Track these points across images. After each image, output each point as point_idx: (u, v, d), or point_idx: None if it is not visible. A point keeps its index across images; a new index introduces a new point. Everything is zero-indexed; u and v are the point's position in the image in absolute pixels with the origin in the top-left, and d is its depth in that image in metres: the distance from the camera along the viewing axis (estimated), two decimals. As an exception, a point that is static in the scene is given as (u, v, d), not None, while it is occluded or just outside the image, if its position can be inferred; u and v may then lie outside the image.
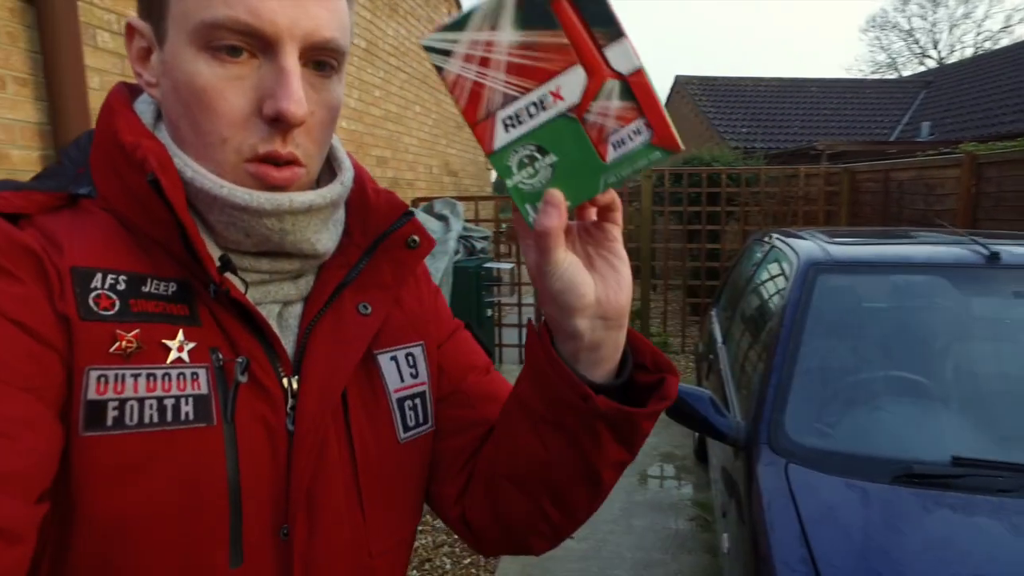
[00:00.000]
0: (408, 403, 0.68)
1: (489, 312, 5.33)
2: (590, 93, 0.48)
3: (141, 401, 0.51)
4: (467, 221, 5.68)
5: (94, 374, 0.50)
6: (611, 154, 0.50)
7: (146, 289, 0.54)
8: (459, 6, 7.26)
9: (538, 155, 0.50)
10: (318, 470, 0.59)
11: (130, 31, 0.57)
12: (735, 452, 1.97)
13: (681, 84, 13.46)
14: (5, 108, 2.20)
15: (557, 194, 0.50)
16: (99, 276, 0.52)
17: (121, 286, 0.53)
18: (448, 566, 2.88)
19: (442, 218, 5.45)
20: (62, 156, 0.61)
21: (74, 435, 0.49)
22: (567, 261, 0.52)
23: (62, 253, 0.51)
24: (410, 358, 0.70)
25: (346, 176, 0.64)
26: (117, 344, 0.51)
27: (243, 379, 0.55)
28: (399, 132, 5.60)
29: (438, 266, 4.87)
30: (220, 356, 0.55)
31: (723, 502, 2.18)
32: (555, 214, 0.49)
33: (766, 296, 2.66)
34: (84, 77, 2.36)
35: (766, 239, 3.24)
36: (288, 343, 0.61)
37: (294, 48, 0.52)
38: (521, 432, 0.61)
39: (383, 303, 0.67)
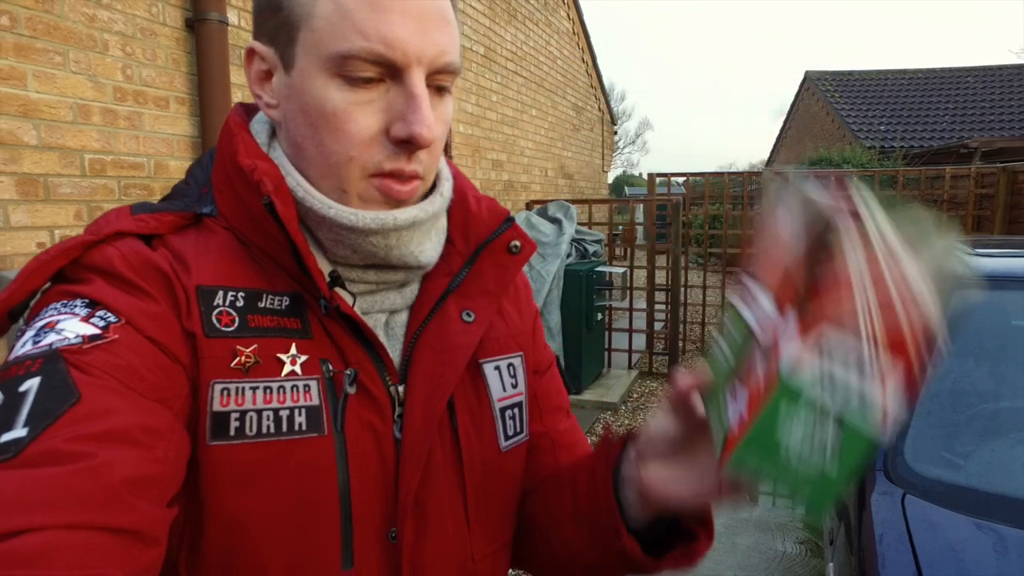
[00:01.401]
0: (508, 412, 0.70)
1: (599, 316, 5.31)
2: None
3: (259, 412, 0.53)
4: (580, 224, 5.69)
5: (218, 387, 0.53)
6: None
7: (262, 304, 0.57)
8: (577, 8, 7.27)
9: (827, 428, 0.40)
10: (425, 476, 0.60)
11: (251, 54, 0.59)
12: (848, 478, 1.85)
13: (812, 80, 12.65)
14: (167, 124, 2.48)
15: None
16: (220, 294, 0.55)
17: (240, 302, 0.56)
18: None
19: (555, 221, 5.50)
20: (188, 175, 0.65)
21: (202, 444, 0.52)
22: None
23: (189, 272, 0.55)
24: (511, 368, 0.71)
25: (445, 187, 0.65)
26: (237, 359, 0.54)
27: (351, 390, 0.57)
28: (515, 136, 5.70)
29: (549, 269, 4.92)
30: (330, 367, 0.57)
31: (832, 529, 2.05)
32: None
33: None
34: (230, 94, 2.61)
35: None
36: (395, 351, 0.62)
37: (421, 73, 0.54)
38: (564, 507, 0.66)
39: (486, 310, 0.67)
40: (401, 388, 0.61)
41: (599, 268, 5.28)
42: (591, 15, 7.16)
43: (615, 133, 9.30)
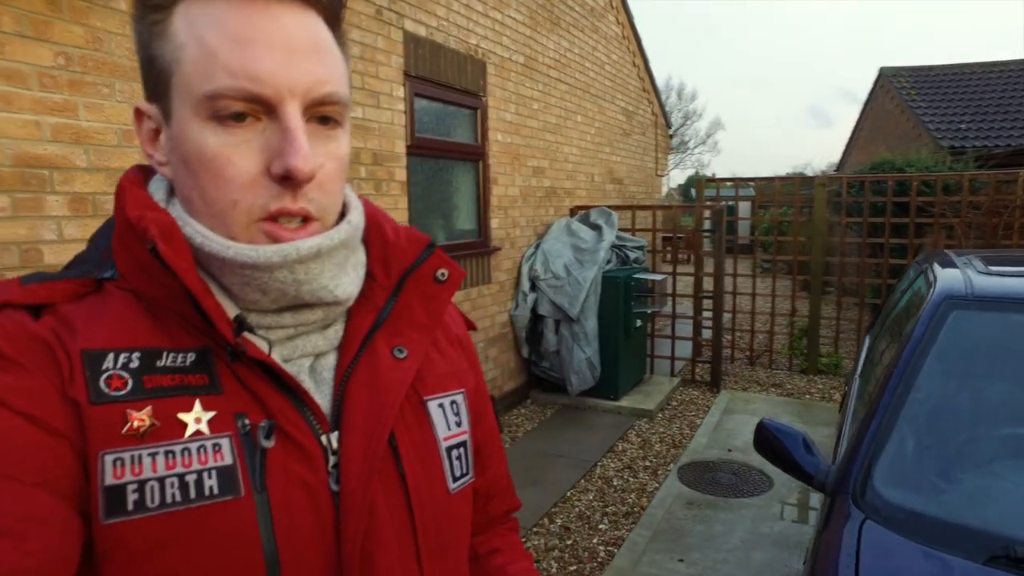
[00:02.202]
0: (455, 452, 0.67)
1: (639, 323, 5.31)
2: None
3: (161, 480, 0.49)
4: (622, 230, 5.70)
5: (109, 458, 0.48)
6: None
7: (161, 363, 0.53)
8: (627, 12, 7.25)
9: None
10: (371, 527, 0.56)
11: (138, 115, 0.57)
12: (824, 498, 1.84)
13: (886, 78, 12.02)
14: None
15: None
16: (111, 356, 0.51)
17: (134, 364, 0.52)
18: (554, 569, 2.99)
19: (596, 227, 5.53)
20: (90, 242, 0.62)
21: (97, 523, 0.48)
22: None
23: (75, 337, 0.51)
24: (454, 405, 0.69)
25: (354, 215, 0.62)
26: (130, 425, 0.50)
27: (268, 444, 0.53)
28: (558, 142, 5.76)
29: (586, 275, 4.97)
30: (247, 421, 0.53)
31: (807, 549, 2.04)
32: None
33: (898, 329, 2.41)
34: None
35: (926, 262, 2.89)
36: (325, 397, 0.59)
37: (296, 106, 0.52)
38: None
39: (419, 344, 0.65)
40: (334, 436, 0.57)
41: (638, 275, 5.27)
42: (656, 12, 7.08)
43: (671, 136, 9.18)
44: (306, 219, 0.56)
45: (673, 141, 9.59)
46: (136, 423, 0.50)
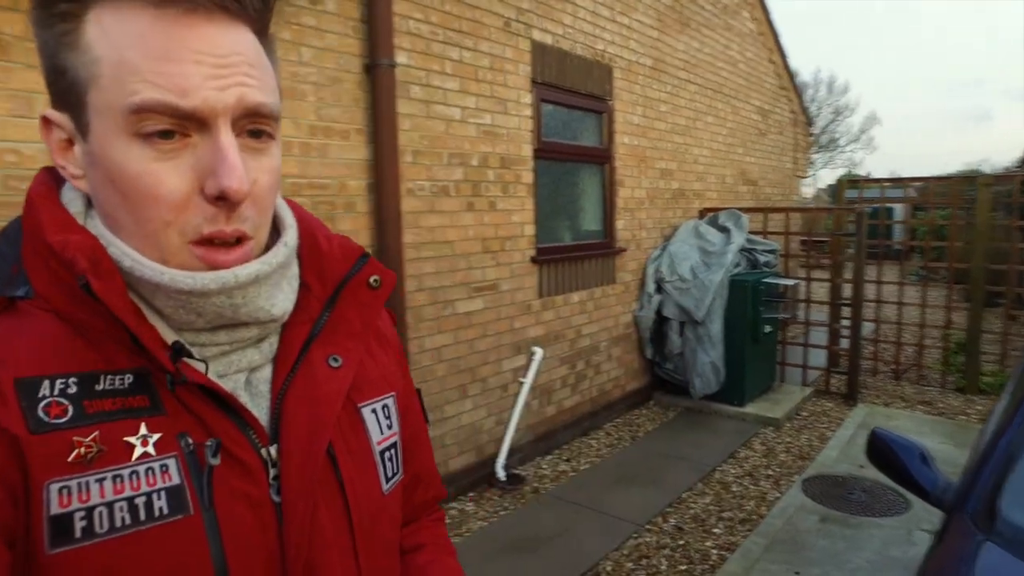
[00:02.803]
0: (387, 454, 0.68)
1: (768, 328, 5.12)
2: None
3: (110, 505, 0.48)
4: (753, 233, 5.51)
5: (55, 487, 0.47)
6: None
7: (100, 387, 0.51)
8: (763, 8, 6.96)
9: None
10: (312, 535, 0.58)
11: (46, 123, 0.54)
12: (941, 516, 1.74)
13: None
14: (348, 151, 3.03)
15: None
16: (47, 384, 0.49)
17: (72, 389, 0.50)
18: (664, 567, 3.01)
19: (724, 230, 5.41)
20: None
21: (39, 555, 0.47)
22: None
23: (3, 366, 0.49)
24: (386, 409, 0.70)
25: (290, 235, 0.61)
26: (76, 452, 0.48)
27: (215, 461, 0.53)
28: (687, 144, 5.69)
29: (712, 278, 4.88)
30: (190, 441, 0.53)
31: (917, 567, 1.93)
32: None
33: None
34: (395, 123, 3.10)
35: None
36: (261, 410, 0.59)
37: (226, 121, 0.51)
38: None
39: (354, 352, 0.65)
40: (273, 448, 0.58)
41: (768, 279, 5.08)
42: (807, 2, 6.72)
43: (818, 134, 8.66)
44: (240, 239, 0.54)
45: (823, 138, 9.03)
46: (83, 449, 0.49)
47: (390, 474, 0.68)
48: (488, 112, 3.73)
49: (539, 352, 4.13)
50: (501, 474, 3.86)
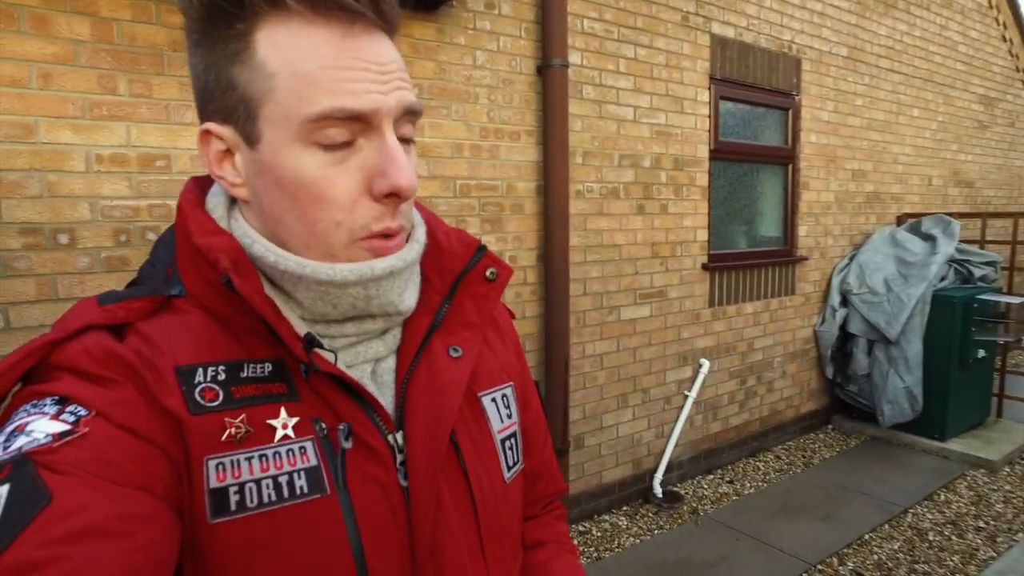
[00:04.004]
0: (508, 443, 0.70)
1: (982, 353, 4.41)
2: None
3: (258, 482, 0.53)
4: (967, 242, 4.79)
5: (212, 463, 0.52)
6: None
7: (244, 375, 0.56)
8: (991, -17, 6.01)
9: None
10: (438, 519, 0.60)
11: (205, 136, 0.58)
12: None
13: None
14: (518, 153, 3.05)
15: None
16: (200, 371, 0.55)
17: (221, 376, 0.55)
18: None
19: (928, 238, 4.77)
20: (152, 256, 0.65)
21: (202, 524, 0.51)
22: None
23: (163, 355, 0.54)
24: (504, 399, 0.72)
25: (419, 232, 0.65)
26: (227, 432, 0.53)
27: (347, 445, 0.57)
28: (885, 142, 5.07)
29: (911, 292, 4.31)
30: (323, 426, 0.57)
31: None
32: None
33: None
34: (567, 123, 3.06)
35: None
36: (387, 399, 0.62)
37: (390, 123, 0.55)
38: None
39: (472, 343, 0.67)
40: (399, 435, 0.60)
41: (984, 296, 4.38)
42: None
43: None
44: (399, 232, 0.59)
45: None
46: (234, 430, 0.54)
47: (511, 463, 0.70)
48: (662, 111, 3.57)
49: (706, 364, 3.90)
50: (658, 490, 3.69)
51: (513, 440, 0.71)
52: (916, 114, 5.35)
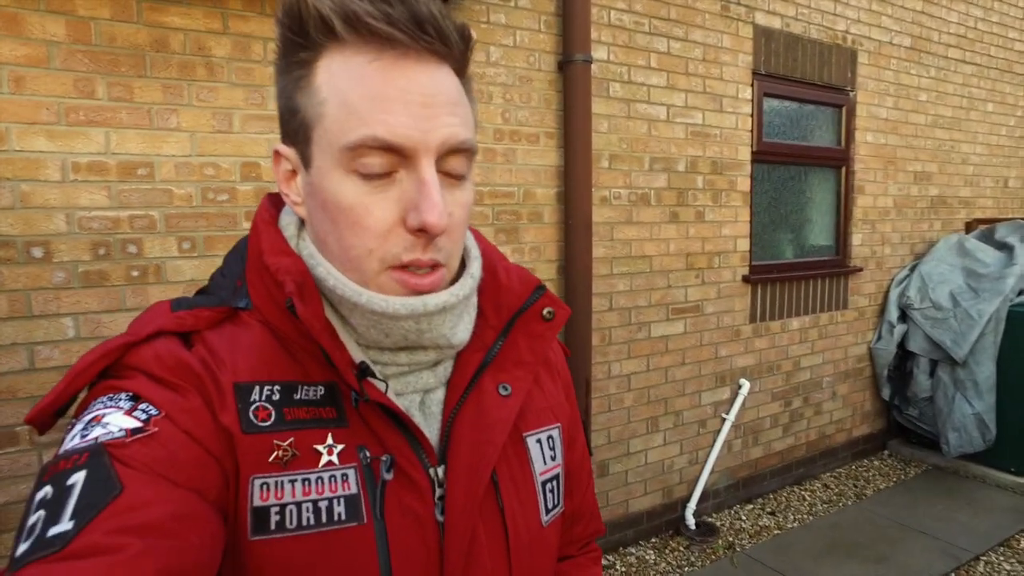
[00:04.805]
0: (549, 485, 0.69)
1: (1064, 376, 3.95)
2: None
3: (299, 505, 0.54)
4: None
5: (258, 482, 0.54)
6: None
7: (297, 396, 0.58)
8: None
9: None
10: (470, 556, 0.60)
11: (277, 156, 0.61)
12: None
13: None
14: (536, 157, 2.81)
15: None
16: (257, 389, 0.57)
17: (276, 396, 0.57)
18: None
19: (1004, 246, 4.31)
20: (224, 266, 0.66)
21: (244, 540, 0.53)
22: None
23: (225, 369, 0.56)
24: (551, 440, 0.71)
25: (475, 267, 0.65)
26: (275, 454, 0.55)
27: (389, 476, 0.58)
28: (953, 140, 4.62)
29: (983, 308, 3.89)
30: (367, 454, 0.58)
31: None
32: None
33: None
34: (590, 124, 2.80)
35: None
36: (432, 431, 0.63)
37: (430, 159, 0.55)
38: None
39: (523, 382, 0.67)
40: (440, 469, 0.61)
41: (1067, 314, 3.91)
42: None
43: None
44: (434, 266, 0.58)
45: None
46: (281, 452, 0.55)
47: (550, 506, 0.69)
48: (699, 110, 3.27)
49: (746, 385, 3.59)
50: (691, 521, 3.40)
51: (555, 483, 0.70)
52: (991, 109, 4.86)
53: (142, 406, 0.52)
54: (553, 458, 0.71)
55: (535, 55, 2.75)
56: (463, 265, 0.66)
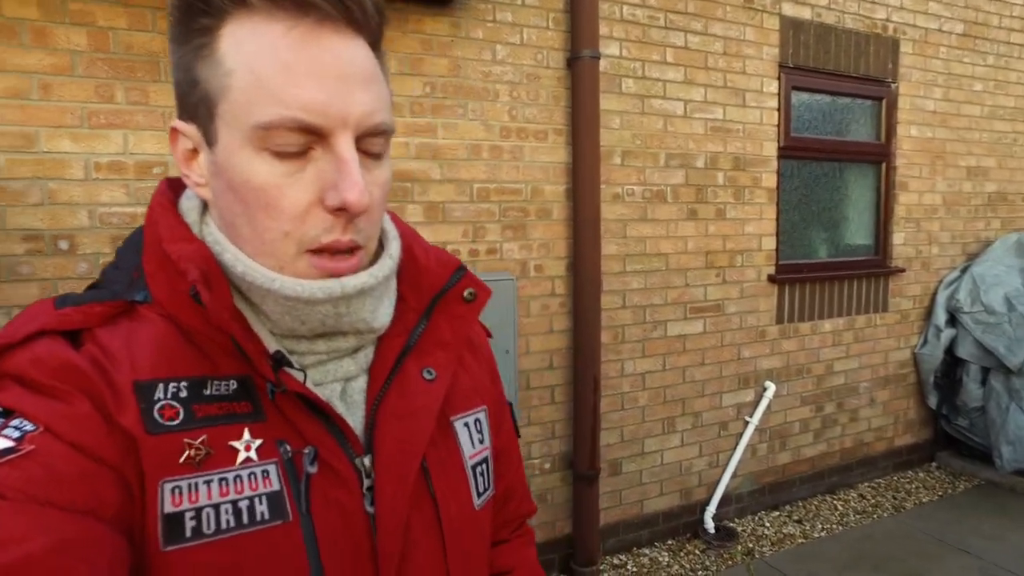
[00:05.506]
0: (479, 469, 0.68)
1: None
2: None
3: (216, 507, 0.50)
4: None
5: (168, 486, 0.49)
6: None
7: (207, 392, 0.53)
8: None
9: None
10: (405, 548, 0.58)
11: (174, 133, 0.57)
12: None
13: None
14: (544, 154, 2.83)
15: None
16: (161, 386, 0.52)
17: (183, 393, 0.52)
18: None
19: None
20: (118, 258, 0.61)
21: (154, 551, 0.48)
22: None
23: (121, 368, 0.51)
24: (478, 423, 0.70)
25: (393, 247, 0.63)
26: (186, 453, 0.50)
27: (312, 470, 0.54)
28: (1015, 132, 4.31)
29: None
30: (288, 448, 0.54)
31: None
32: None
33: None
34: (598, 121, 2.80)
35: None
36: (355, 420, 0.59)
37: (348, 136, 0.52)
38: None
39: (447, 365, 0.65)
40: (367, 459, 0.58)
41: None
42: None
43: None
44: (353, 249, 0.55)
45: None
46: (193, 451, 0.51)
47: (481, 489, 0.67)
48: (719, 105, 3.20)
49: (772, 388, 3.48)
50: (710, 525, 3.33)
51: (484, 466, 0.69)
52: (1059, 99, 4.52)
53: (14, 422, 0.47)
54: (481, 441, 0.69)
55: (543, 52, 2.77)
56: (381, 247, 0.63)
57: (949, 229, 4.12)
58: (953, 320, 3.99)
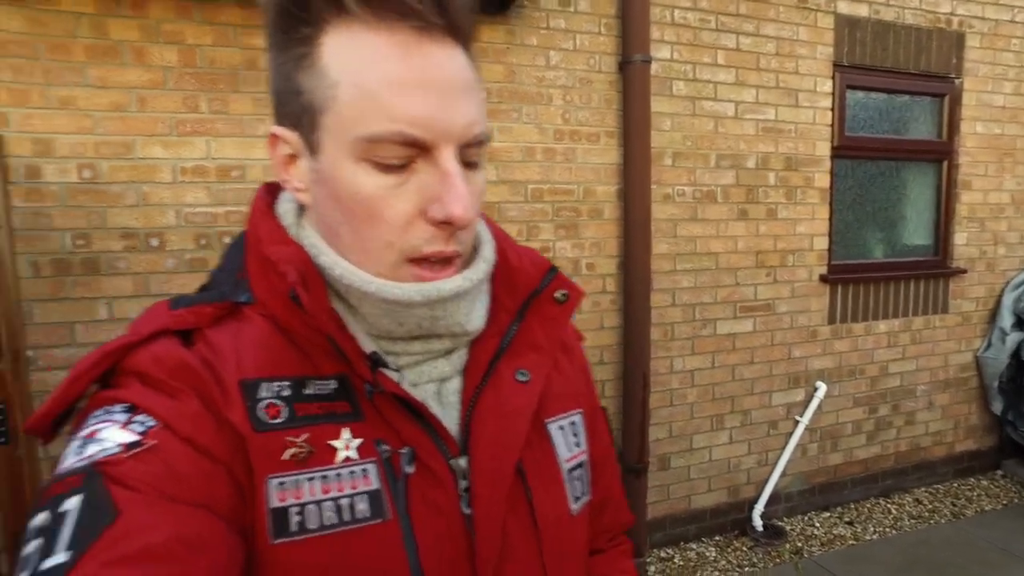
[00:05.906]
0: (575, 473, 0.67)
1: None
2: None
3: (319, 504, 0.51)
4: None
5: (274, 481, 0.51)
6: None
7: (308, 392, 0.55)
8: None
9: None
10: (503, 551, 0.58)
11: (273, 139, 0.57)
12: None
13: None
14: (597, 156, 2.92)
15: None
16: (264, 386, 0.53)
17: (286, 392, 0.54)
18: None
19: None
20: (223, 260, 0.63)
21: (264, 544, 0.50)
22: None
23: (228, 367, 0.53)
24: (573, 426, 0.69)
25: (487, 250, 0.63)
26: (290, 451, 0.52)
27: (410, 470, 0.55)
28: (1092, 128, 4.14)
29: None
30: (386, 448, 0.55)
31: None
32: None
33: None
34: (649, 123, 2.87)
35: None
36: (451, 421, 0.60)
37: (451, 149, 0.52)
38: None
39: (541, 367, 0.65)
40: (463, 460, 0.58)
41: None
42: None
43: None
44: (452, 258, 0.57)
45: None
46: (296, 449, 0.52)
47: (578, 494, 0.66)
48: (771, 106, 3.22)
49: (823, 388, 3.47)
50: (758, 522, 3.35)
51: (581, 470, 0.68)
52: None
53: (138, 417, 0.49)
54: (577, 445, 0.68)
55: (595, 57, 2.85)
56: (474, 250, 0.63)
57: (1018, 229, 3.99)
58: (1020, 323, 3.87)
